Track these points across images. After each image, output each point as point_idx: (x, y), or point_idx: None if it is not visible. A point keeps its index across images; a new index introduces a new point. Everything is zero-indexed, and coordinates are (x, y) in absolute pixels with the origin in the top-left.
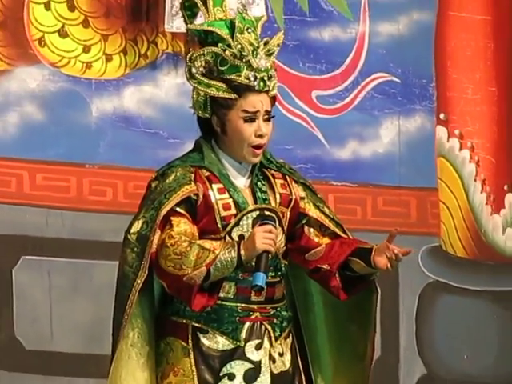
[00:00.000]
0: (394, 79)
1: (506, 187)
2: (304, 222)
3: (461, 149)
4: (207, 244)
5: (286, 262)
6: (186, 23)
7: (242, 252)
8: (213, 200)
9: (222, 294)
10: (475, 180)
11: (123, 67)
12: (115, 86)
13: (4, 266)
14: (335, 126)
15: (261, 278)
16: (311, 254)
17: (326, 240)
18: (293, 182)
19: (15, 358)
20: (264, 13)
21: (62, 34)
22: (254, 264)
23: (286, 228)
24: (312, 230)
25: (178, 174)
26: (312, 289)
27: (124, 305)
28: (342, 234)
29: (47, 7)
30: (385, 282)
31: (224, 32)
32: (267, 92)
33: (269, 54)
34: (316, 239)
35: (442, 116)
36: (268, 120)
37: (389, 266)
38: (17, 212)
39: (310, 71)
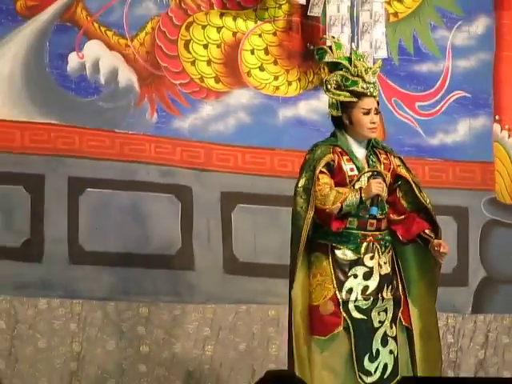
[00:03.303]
0: (467, 95)
1: None
2: (398, 183)
3: (509, 137)
4: (341, 189)
5: (388, 206)
6: (321, 60)
7: (363, 195)
8: (343, 165)
9: (349, 225)
10: None
11: (299, 89)
12: (294, 101)
13: (227, 211)
14: (430, 125)
15: (375, 210)
16: (394, 219)
17: (407, 207)
18: (392, 157)
19: (233, 267)
20: (386, 54)
21: (261, 69)
22: (370, 203)
23: (387, 184)
24: (401, 193)
25: (323, 148)
26: None
27: (299, 232)
28: (420, 210)
29: (252, 53)
30: (459, 222)
31: (345, 62)
32: (374, 97)
33: (374, 73)
34: (402, 201)
35: (496, 117)
36: (377, 114)
37: (439, 259)
38: (231, 179)
39: (414, 90)
